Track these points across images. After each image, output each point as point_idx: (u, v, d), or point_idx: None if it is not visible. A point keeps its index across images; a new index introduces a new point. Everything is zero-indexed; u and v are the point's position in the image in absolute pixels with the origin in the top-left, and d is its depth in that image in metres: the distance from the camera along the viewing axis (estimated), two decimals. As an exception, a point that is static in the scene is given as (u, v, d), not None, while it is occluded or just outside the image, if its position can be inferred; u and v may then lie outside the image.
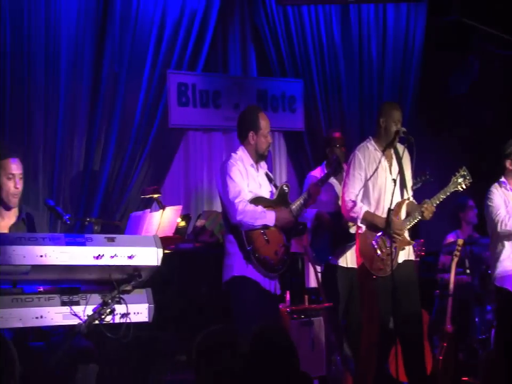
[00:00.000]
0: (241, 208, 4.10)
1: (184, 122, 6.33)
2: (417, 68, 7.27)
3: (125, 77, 5.96)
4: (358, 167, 4.47)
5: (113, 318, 3.26)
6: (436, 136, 7.41)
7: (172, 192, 6.31)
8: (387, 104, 4.77)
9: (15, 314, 3.09)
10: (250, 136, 4.31)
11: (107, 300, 3.24)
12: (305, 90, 6.87)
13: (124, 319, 3.28)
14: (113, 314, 3.25)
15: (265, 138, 4.34)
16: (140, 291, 3.41)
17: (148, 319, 3.39)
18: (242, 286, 4.13)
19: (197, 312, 4.77)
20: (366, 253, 4.41)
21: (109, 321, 3.25)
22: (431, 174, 4.78)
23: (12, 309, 3.09)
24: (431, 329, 5.45)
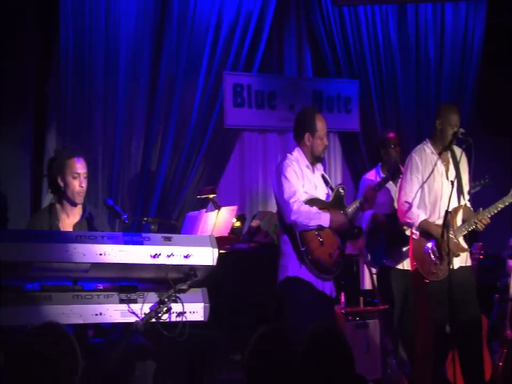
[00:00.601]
0: (296, 208, 4.08)
1: (239, 123, 6.35)
2: (476, 68, 7.10)
3: (181, 78, 6.01)
4: (415, 170, 4.42)
5: (169, 316, 3.28)
6: (495, 139, 7.22)
7: (227, 193, 6.35)
8: (445, 106, 4.69)
9: (76, 311, 3.15)
10: (306, 137, 4.29)
11: (163, 298, 3.26)
12: (361, 91, 6.81)
13: (180, 317, 3.30)
14: (169, 313, 3.27)
15: (322, 140, 4.31)
16: (196, 290, 3.42)
17: (204, 318, 3.40)
18: (296, 286, 4.11)
19: (251, 311, 4.77)
20: (419, 257, 4.36)
21: (165, 319, 3.27)
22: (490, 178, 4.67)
23: (73, 305, 3.15)
24: (490, 334, 5.32)
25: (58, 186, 3.80)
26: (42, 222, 3.76)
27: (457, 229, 4.34)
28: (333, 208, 4.26)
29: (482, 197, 4.70)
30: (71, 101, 5.58)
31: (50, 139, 5.54)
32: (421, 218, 4.34)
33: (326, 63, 6.72)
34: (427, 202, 4.40)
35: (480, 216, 4.30)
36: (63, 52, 5.53)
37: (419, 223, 4.35)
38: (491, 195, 4.45)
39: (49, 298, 3.12)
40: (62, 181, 3.78)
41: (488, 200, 4.45)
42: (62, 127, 5.56)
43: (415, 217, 4.35)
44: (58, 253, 3.05)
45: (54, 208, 3.80)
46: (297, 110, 5.21)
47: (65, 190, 3.78)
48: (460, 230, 4.34)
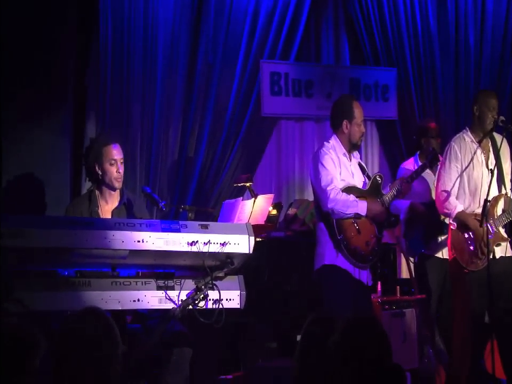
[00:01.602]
0: (333, 195, 4.06)
1: (276, 111, 6.32)
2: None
3: (218, 67, 6.00)
4: (454, 159, 4.35)
5: (206, 303, 3.29)
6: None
7: (263, 181, 6.33)
8: (482, 91, 4.70)
9: (114, 297, 3.17)
10: (344, 125, 4.26)
11: (200, 285, 3.28)
12: (398, 79, 6.70)
13: (216, 305, 3.30)
14: (206, 300, 3.28)
15: (359, 127, 4.28)
16: (232, 278, 3.42)
17: (240, 306, 3.40)
18: (333, 275, 4.09)
19: (287, 300, 4.75)
20: (458, 246, 4.31)
21: (202, 306, 3.28)
22: None
23: (111, 291, 3.18)
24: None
25: (96, 174, 3.84)
26: (82, 208, 3.81)
27: (498, 218, 4.27)
28: (370, 197, 4.22)
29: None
30: (110, 92, 5.60)
31: (89, 129, 5.59)
32: (458, 209, 4.27)
33: (364, 51, 6.64)
34: (467, 191, 4.34)
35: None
36: (102, 43, 5.56)
37: (456, 214, 4.28)
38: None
39: (88, 284, 3.15)
40: (100, 169, 3.83)
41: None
42: (101, 117, 5.59)
43: (452, 207, 4.29)
44: (97, 239, 3.08)
45: (94, 194, 3.85)
46: (334, 98, 5.16)
47: (103, 177, 3.82)
48: (500, 219, 4.27)
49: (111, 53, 5.61)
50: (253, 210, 5.13)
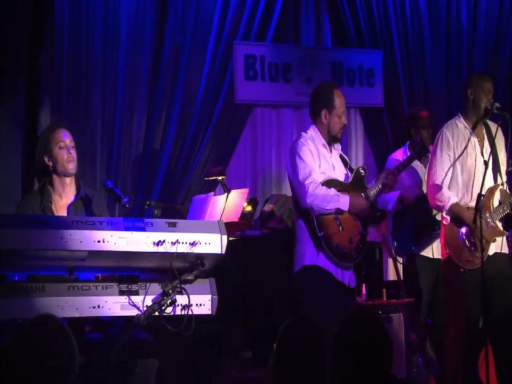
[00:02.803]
0: (311, 190, 4.06)
1: (251, 97, 6.33)
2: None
3: (188, 48, 5.99)
4: (446, 147, 4.37)
5: (174, 309, 3.27)
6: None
7: (237, 174, 6.34)
8: (475, 74, 4.77)
9: (71, 303, 3.14)
10: (323, 115, 4.27)
11: (168, 289, 3.26)
12: (385, 62, 6.75)
13: (185, 311, 3.29)
14: (174, 305, 3.26)
15: (339, 118, 4.29)
16: (203, 281, 3.42)
17: (211, 312, 3.39)
18: (314, 276, 4.10)
19: (264, 304, 4.76)
20: (452, 243, 4.32)
21: (170, 313, 3.27)
22: None
23: (68, 297, 3.14)
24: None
25: (47, 168, 3.80)
26: (33, 205, 3.76)
27: (494, 211, 4.30)
28: (353, 190, 4.24)
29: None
30: (67, 76, 5.57)
31: (43, 117, 5.54)
32: (452, 201, 4.29)
33: (347, 32, 6.67)
34: (459, 182, 4.35)
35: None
36: (57, 22, 5.51)
37: (450, 206, 4.29)
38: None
39: (42, 290, 3.11)
40: (50, 159, 3.80)
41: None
42: (56, 103, 5.55)
43: (445, 199, 4.30)
44: (52, 239, 3.04)
45: (46, 189, 3.80)
46: (315, 83, 5.19)
47: (55, 166, 3.81)
48: (497, 212, 4.30)
49: (68, 33, 5.57)
50: (226, 206, 5.13)
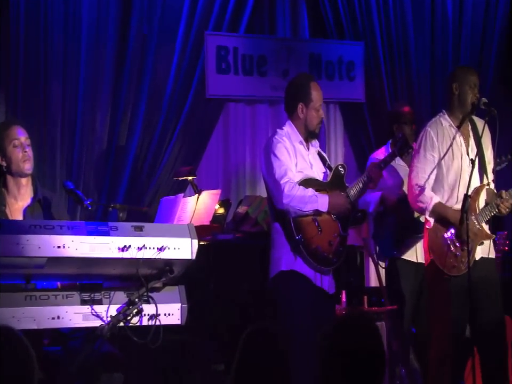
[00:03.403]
0: (288, 190, 4.08)
1: (224, 92, 6.33)
2: (503, 26, 7.08)
3: (155, 39, 5.97)
4: (430, 147, 4.39)
5: (140, 319, 3.28)
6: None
7: (209, 174, 6.34)
8: (459, 67, 4.77)
9: (28, 314, 3.13)
10: (300, 109, 4.29)
11: (133, 298, 3.27)
12: (366, 54, 6.79)
13: (152, 321, 3.30)
14: (140, 315, 3.28)
15: (317, 112, 4.31)
16: (172, 289, 3.43)
17: (181, 321, 3.40)
18: (291, 282, 4.12)
19: (238, 313, 4.76)
20: (436, 248, 4.34)
21: (136, 323, 3.28)
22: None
23: (25, 308, 3.13)
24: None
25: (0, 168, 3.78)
26: (-15, 209, 3.73)
27: (480, 213, 4.33)
28: (332, 190, 4.27)
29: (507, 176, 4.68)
30: (23, 68, 5.52)
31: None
32: (434, 201, 4.32)
33: (326, 22, 6.69)
34: (445, 184, 4.38)
35: (503, 197, 4.28)
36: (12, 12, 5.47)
37: (433, 207, 4.32)
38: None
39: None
40: (4, 158, 3.79)
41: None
42: (12, 98, 5.50)
43: (427, 199, 4.33)
44: (7, 245, 3.02)
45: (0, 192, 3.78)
46: (292, 77, 5.18)
47: (9, 166, 3.79)
48: (483, 214, 4.33)
49: (24, 23, 5.52)
50: (196, 208, 5.13)
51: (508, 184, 4.46)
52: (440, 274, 4.30)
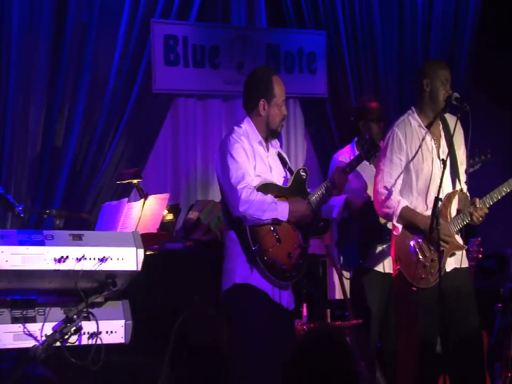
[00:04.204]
0: (245, 196, 4.08)
1: (172, 86, 6.32)
2: (476, 16, 7.19)
3: (95, 27, 5.94)
4: (397, 149, 4.42)
5: (79, 338, 3.28)
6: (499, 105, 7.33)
7: (156, 177, 6.33)
8: (429, 62, 4.85)
9: (-49, 334, 3.09)
10: (261, 105, 4.29)
11: (72, 315, 3.26)
12: (328, 45, 6.83)
13: (93, 340, 3.29)
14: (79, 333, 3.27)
15: (280, 109, 4.32)
16: (115, 304, 3.43)
17: (125, 340, 3.42)
18: (246, 296, 4.11)
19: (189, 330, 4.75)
20: (404, 257, 4.38)
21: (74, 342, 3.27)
22: (494, 153, 4.73)
23: None
24: (491, 354, 5.42)
25: None
26: None
27: (452, 221, 4.39)
28: (293, 196, 4.28)
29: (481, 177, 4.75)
30: None
31: None
32: (402, 205, 4.35)
33: (285, 10, 6.73)
34: (414, 190, 4.41)
35: (476, 206, 4.34)
36: None
37: (400, 211, 4.35)
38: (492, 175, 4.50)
39: None
40: None
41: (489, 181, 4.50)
42: None
43: (394, 204, 4.36)
44: None
45: None
46: (247, 69, 5.23)
47: None
48: (455, 223, 4.38)
49: None
50: (142, 214, 5.12)
51: (480, 185, 4.53)
52: (407, 285, 4.34)
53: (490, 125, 6.80)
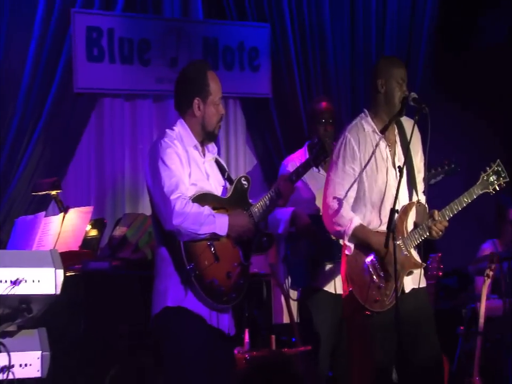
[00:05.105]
0: (179, 207, 4.06)
1: (96, 84, 6.33)
2: (434, 9, 7.31)
3: (6, 17, 5.91)
4: (350, 158, 4.44)
5: (-13, 373, 3.21)
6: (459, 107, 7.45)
7: (78, 187, 6.31)
8: (383, 59, 4.79)
9: None
10: (196, 105, 4.28)
11: (-22, 346, 3.19)
12: (273, 40, 6.88)
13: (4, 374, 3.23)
14: (-13, 367, 3.20)
15: (216, 107, 4.31)
16: (30, 332, 3.38)
17: (41, 373, 3.35)
18: (180, 322, 4.07)
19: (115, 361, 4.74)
20: (356, 277, 4.40)
21: (-19, 378, 3.20)
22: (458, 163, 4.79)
23: None
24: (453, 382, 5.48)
25: None
26: None
27: (409, 236, 4.42)
28: (233, 208, 4.27)
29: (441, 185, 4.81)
30: None
31: None
32: (355, 223, 4.38)
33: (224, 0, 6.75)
34: (367, 202, 4.43)
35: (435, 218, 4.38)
36: None
37: (353, 230, 4.37)
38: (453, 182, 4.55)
39: None
40: None
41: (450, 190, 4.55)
42: None
43: (346, 222, 4.38)
44: None
45: None
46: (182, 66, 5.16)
47: None
48: (412, 238, 4.42)
49: None
50: (62, 230, 5.09)
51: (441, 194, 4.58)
52: (360, 309, 4.36)
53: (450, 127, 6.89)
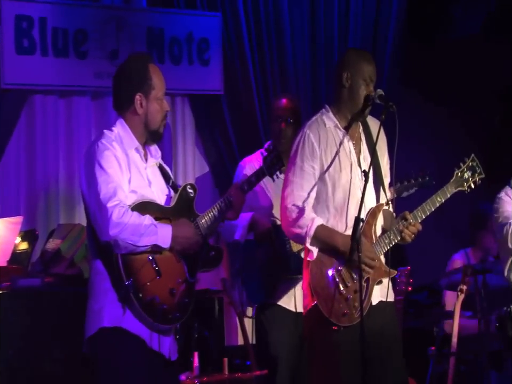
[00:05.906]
0: (117, 216, 4.02)
1: (27, 80, 6.30)
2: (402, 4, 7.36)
3: None
4: (309, 155, 4.43)
5: None
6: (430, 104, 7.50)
7: (6, 194, 6.27)
8: (353, 51, 4.82)
9: None
10: (137, 101, 4.25)
11: None
12: (225, 30, 6.90)
13: None
14: None
15: (160, 103, 4.29)
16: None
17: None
18: (117, 344, 4.03)
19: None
20: (321, 288, 4.37)
21: None
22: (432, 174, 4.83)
23: None
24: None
25: None
26: None
27: (378, 242, 4.42)
28: (177, 218, 4.24)
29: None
30: None
31: None
32: (316, 223, 4.35)
33: (170, -14, 6.77)
34: (330, 204, 4.42)
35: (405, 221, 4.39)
36: None
37: (315, 231, 4.33)
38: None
39: None
40: None
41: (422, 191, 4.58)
42: None
43: (307, 222, 4.36)
44: None
45: None
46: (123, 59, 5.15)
47: None
48: (381, 243, 4.42)
49: None
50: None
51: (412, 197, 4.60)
52: (325, 324, 4.32)
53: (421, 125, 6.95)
